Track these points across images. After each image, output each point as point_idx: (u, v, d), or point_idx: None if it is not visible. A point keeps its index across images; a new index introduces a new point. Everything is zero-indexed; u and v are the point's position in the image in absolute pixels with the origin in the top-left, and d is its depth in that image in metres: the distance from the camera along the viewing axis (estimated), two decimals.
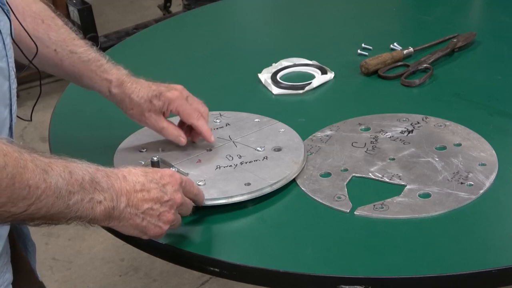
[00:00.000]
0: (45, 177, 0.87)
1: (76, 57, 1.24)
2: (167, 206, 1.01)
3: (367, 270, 1.01)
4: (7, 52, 0.98)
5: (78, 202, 0.91)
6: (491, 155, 1.21)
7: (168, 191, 1.01)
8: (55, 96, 1.62)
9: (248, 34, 1.86)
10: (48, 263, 2.43)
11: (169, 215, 1.01)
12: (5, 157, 0.84)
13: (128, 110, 1.25)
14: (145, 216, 0.99)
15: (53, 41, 1.24)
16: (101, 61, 1.25)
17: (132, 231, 1.00)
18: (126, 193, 0.97)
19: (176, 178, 1.02)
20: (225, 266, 1.04)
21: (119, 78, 1.24)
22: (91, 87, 1.27)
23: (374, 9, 1.87)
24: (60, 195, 0.88)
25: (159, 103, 1.22)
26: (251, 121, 1.33)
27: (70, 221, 0.92)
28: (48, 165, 0.89)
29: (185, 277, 2.33)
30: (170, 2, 3.66)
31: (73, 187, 0.90)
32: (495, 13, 1.80)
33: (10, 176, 0.83)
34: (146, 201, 0.98)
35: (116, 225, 0.98)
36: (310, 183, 1.18)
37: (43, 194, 0.87)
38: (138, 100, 1.23)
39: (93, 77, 1.25)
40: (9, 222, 0.89)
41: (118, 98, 1.25)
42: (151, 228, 1.00)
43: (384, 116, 1.34)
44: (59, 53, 1.24)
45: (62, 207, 0.89)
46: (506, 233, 1.07)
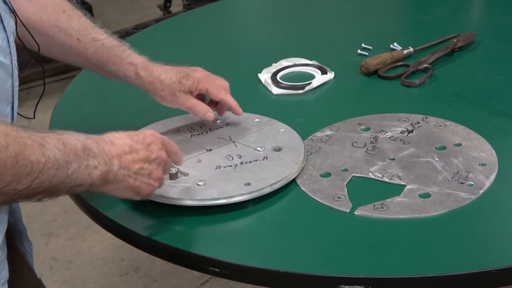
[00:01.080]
0: (43, 151, 0.89)
1: (99, 43, 1.27)
2: (155, 163, 1.05)
3: (367, 270, 1.01)
4: (11, 50, 0.99)
5: (76, 170, 0.94)
6: (491, 155, 1.21)
7: (154, 149, 1.05)
8: (55, 96, 1.62)
9: (248, 34, 1.86)
10: (48, 263, 2.43)
11: (158, 172, 1.05)
12: (6, 137, 0.86)
13: (159, 91, 1.28)
14: (137, 176, 1.02)
15: (75, 30, 1.26)
16: (124, 47, 1.29)
17: (126, 193, 1.03)
18: (117, 156, 1.00)
19: (157, 137, 1.07)
20: (225, 266, 1.04)
21: (143, 61, 1.29)
22: (116, 72, 1.29)
23: (374, 9, 1.87)
24: (59, 166, 0.91)
25: (188, 82, 1.28)
26: (251, 121, 1.33)
27: (71, 190, 0.95)
28: (43, 139, 0.91)
29: (185, 277, 2.33)
30: (170, 2, 3.66)
31: (69, 157, 0.93)
32: (495, 13, 1.80)
33: (13, 155, 0.86)
34: (136, 161, 1.02)
35: (111, 189, 1.01)
36: (310, 183, 1.18)
37: (44, 167, 0.89)
38: (168, 81, 1.27)
39: (118, 62, 1.28)
40: (15, 200, 0.91)
41: (147, 81, 1.28)
42: (143, 187, 1.04)
43: (384, 116, 1.34)
44: (82, 41, 1.26)
45: (62, 177, 0.92)
46: (506, 233, 1.07)
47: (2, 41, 0.97)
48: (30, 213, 2.64)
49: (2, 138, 0.85)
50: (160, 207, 1.14)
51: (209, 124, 1.33)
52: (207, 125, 1.33)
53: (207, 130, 1.32)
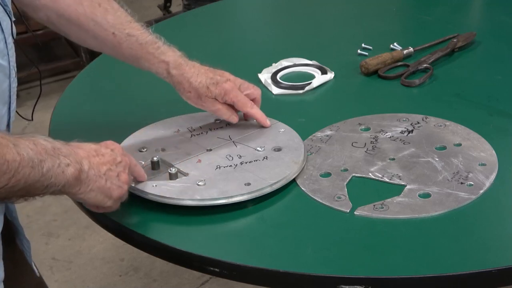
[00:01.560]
0: (17, 150, 0.91)
1: (134, 39, 1.28)
2: (121, 166, 1.07)
3: (367, 270, 1.01)
4: (8, 51, 0.99)
5: (50, 169, 0.95)
6: (491, 155, 1.21)
7: (118, 153, 1.07)
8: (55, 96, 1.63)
9: (248, 34, 1.86)
10: (48, 263, 2.43)
11: (125, 175, 1.07)
12: None
13: (186, 92, 1.28)
14: (107, 177, 1.04)
15: (111, 24, 1.27)
16: (158, 43, 1.29)
17: (98, 196, 1.03)
18: (86, 157, 1.02)
19: (119, 146, 1.09)
20: (225, 266, 1.04)
21: (176, 60, 1.28)
22: (149, 69, 1.30)
23: (374, 9, 1.87)
24: (34, 164, 0.92)
25: (216, 91, 1.27)
26: (251, 121, 1.33)
27: (47, 190, 0.96)
28: (15, 139, 0.92)
29: (185, 277, 2.33)
30: (170, 2, 3.66)
31: (41, 156, 0.94)
32: (495, 13, 1.80)
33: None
34: (104, 163, 1.04)
35: (85, 190, 1.01)
36: (310, 183, 1.18)
37: (20, 166, 0.90)
38: (197, 85, 1.27)
39: (151, 59, 1.28)
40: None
41: (177, 80, 1.28)
42: (114, 189, 1.05)
43: (384, 116, 1.34)
44: (117, 36, 1.27)
45: (37, 176, 0.93)
46: (506, 233, 1.07)
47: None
48: (30, 213, 2.64)
49: None
50: (160, 207, 1.14)
51: (209, 124, 1.33)
52: (207, 125, 1.33)
53: (207, 130, 1.32)
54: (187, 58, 1.30)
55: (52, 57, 3.47)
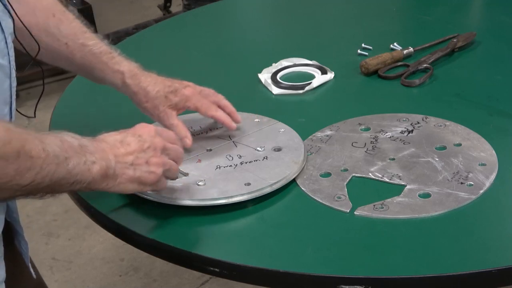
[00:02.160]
0: (43, 146, 0.91)
1: (88, 49, 1.26)
2: (150, 151, 1.04)
3: (367, 270, 1.01)
4: (8, 50, 0.99)
5: (76, 166, 0.95)
6: (491, 155, 1.21)
7: (146, 138, 1.05)
8: (55, 96, 1.62)
9: (248, 34, 1.86)
10: (48, 263, 2.43)
11: (156, 159, 1.05)
12: (8, 131, 0.88)
13: (143, 103, 1.26)
14: (135, 167, 1.03)
15: (64, 34, 1.25)
16: (113, 54, 1.27)
17: (130, 186, 1.03)
18: (111, 151, 1.01)
19: (150, 127, 1.07)
20: (225, 266, 1.04)
21: (131, 70, 1.26)
22: (103, 80, 1.28)
23: (374, 9, 1.87)
24: (59, 161, 0.92)
25: (176, 99, 1.25)
26: (251, 121, 1.33)
27: (73, 187, 0.96)
28: (42, 136, 0.93)
29: (185, 277, 2.33)
30: (170, 2, 3.66)
31: (67, 153, 0.94)
32: (495, 13, 1.80)
33: (16, 150, 0.87)
34: (130, 153, 1.03)
35: (113, 185, 1.01)
36: (310, 183, 1.18)
37: (44, 163, 0.90)
38: (155, 94, 1.25)
39: (105, 69, 1.26)
40: (18, 196, 0.92)
41: (132, 90, 1.26)
42: (145, 177, 1.04)
43: (384, 116, 1.34)
44: (70, 46, 1.25)
45: (63, 173, 0.93)
46: (506, 233, 1.07)
47: (0, 42, 0.97)
48: (30, 213, 2.64)
49: (5, 133, 0.87)
50: (160, 207, 1.14)
51: (209, 124, 1.33)
52: (207, 125, 1.33)
53: (207, 130, 1.32)
54: (143, 69, 1.27)
55: None
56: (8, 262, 1.04)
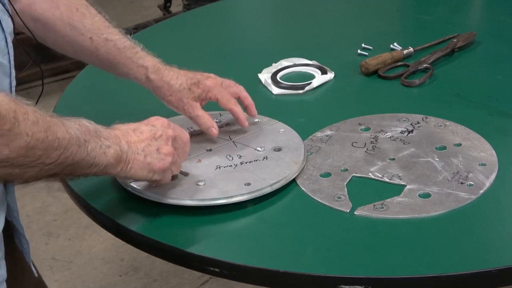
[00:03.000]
0: (66, 128, 0.94)
1: (112, 44, 1.27)
2: (162, 140, 1.07)
3: (367, 270, 1.01)
4: (9, 50, 0.99)
5: (94, 149, 0.98)
6: (491, 155, 1.21)
7: (159, 128, 1.08)
8: (55, 96, 1.63)
9: (248, 34, 1.86)
10: (48, 263, 2.43)
11: (167, 147, 1.07)
12: (35, 113, 0.90)
13: (167, 96, 1.27)
14: (146, 153, 1.05)
15: (88, 29, 1.26)
16: (136, 49, 1.28)
17: (141, 172, 1.05)
18: (123, 137, 1.04)
19: (163, 120, 1.10)
20: (225, 266, 1.04)
21: (155, 65, 1.28)
22: (127, 75, 1.29)
23: (374, 9, 1.87)
24: (80, 143, 0.96)
25: (198, 90, 1.26)
26: (251, 121, 1.33)
27: (91, 169, 0.99)
28: (62, 119, 0.96)
29: (185, 277, 2.33)
30: (170, 2, 3.66)
31: (86, 136, 0.97)
32: (495, 13, 1.80)
33: (43, 130, 0.90)
34: (142, 140, 1.06)
35: (125, 169, 1.04)
36: (310, 183, 1.18)
37: (69, 143, 0.94)
38: (178, 87, 1.26)
39: (129, 64, 1.27)
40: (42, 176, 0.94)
41: (156, 85, 1.27)
42: (156, 163, 1.06)
43: (384, 116, 1.34)
44: (94, 41, 1.26)
45: (83, 155, 0.96)
46: (506, 233, 1.07)
47: (0, 41, 0.97)
48: (30, 213, 2.64)
49: (33, 113, 0.90)
50: (160, 207, 1.14)
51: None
52: None
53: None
54: (165, 63, 1.29)
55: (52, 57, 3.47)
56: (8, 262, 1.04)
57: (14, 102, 0.88)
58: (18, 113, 0.88)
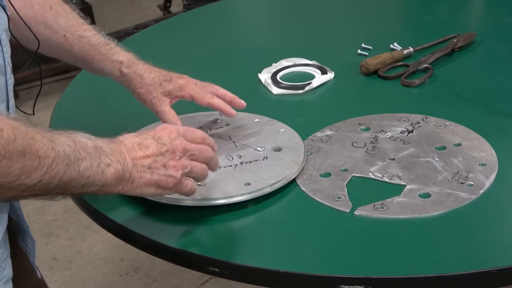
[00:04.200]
0: (53, 146, 0.89)
1: (86, 41, 1.27)
2: (168, 155, 1.02)
3: (367, 270, 1.01)
4: (3, 47, 0.98)
5: (88, 168, 0.93)
6: (491, 155, 1.21)
7: (165, 141, 1.03)
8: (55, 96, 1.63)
9: (248, 34, 1.86)
10: (48, 263, 2.43)
11: (174, 163, 1.02)
12: (14, 130, 0.86)
13: (137, 88, 1.27)
14: (152, 170, 1.01)
15: (62, 26, 1.26)
16: (111, 44, 1.29)
17: (148, 189, 1.01)
18: (128, 153, 0.99)
19: (170, 129, 1.04)
20: (225, 266, 1.04)
21: (130, 59, 1.28)
22: (101, 70, 1.29)
23: (374, 9, 1.87)
24: (69, 162, 0.91)
25: (170, 86, 1.26)
26: (251, 121, 1.33)
27: (84, 189, 0.94)
28: (53, 135, 0.91)
29: (185, 277, 2.33)
30: (170, 2, 3.66)
31: (80, 154, 0.93)
32: (495, 13, 1.80)
33: (20, 149, 0.86)
34: (148, 156, 1.01)
35: (130, 188, 0.99)
36: (310, 183, 1.18)
37: (54, 162, 0.89)
38: (149, 80, 1.26)
39: (104, 60, 1.28)
40: (25, 196, 0.90)
41: (129, 78, 1.27)
42: (163, 180, 1.02)
43: (384, 116, 1.34)
44: (68, 38, 1.26)
45: (73, 174, 0.91)
46: (506, 233, 1.07)
47: None
48: (30, 213, 2.64)
49: (10, 131, 0.85)
50: (160, 207, 1.14)
51: (209, 124, 1.33)
52: (207, 125, 1.33)
53: (207, 130, 1.32)
54: (140, 59, 1.29)
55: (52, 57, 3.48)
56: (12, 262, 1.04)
57: None
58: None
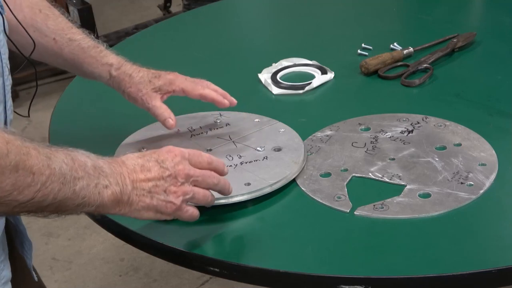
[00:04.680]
0: (48, 163, 0.87)
1: (76, 44, 1.27)
2: (170, 180, 1.00)
3: (367, 270, 1.01)
4: (0, 48, 0.98)
5: (84, 188, 0.91)
6: (491, 155, 1.21)
7: (168, 165, 1.00)
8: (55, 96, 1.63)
9: (248, 34, 1.86)
10: (48, 263, 2.43)
11: (175, 188, 1.00)
12: (7, 144, 0.84)
13: (127, 88, 1.27)
14: (152, 194, 0.99)
15: (51, 30, 1.26)
16: (100, 48, 1.29)
17: (146, 213, 1.00)
18: (128, 176, 0.97)
19: (175, 153, 1.02)
20: (225, 266, 1.04)
21: (119, 61, 1.28)
22: (91, 73, 1.29)
23: (374, 9, 1.87)
24: (65, 180, 0.89)
25: (159, 82, 1.26)
26: (251, 121, 1.33)
27: (79, 209, 0.92)
28: (50, 152, 0.89)
29: (185, 277, 2.33)
30: (170, 2, 3.66)
31: (77, 173, 0.91)
32: (495, 13, 1.80)
33: (13, 164, 0.83)
34: (149, 179, 0.99)
35: (128, 211, 0.98)
36: (310, 183, 1.18)
37: (48, 180, 0.87)
38: (138, 79, 1.26)
39: (93, 63, 1.27)
40: (16, 212, 0.89)
41: (118, 79, 1.27)
42: (163, 206, 1.00)
43: (384, 116, 1.34)
44: (58, 41, 1.26)
45: (68, 193, 0.89)
46: (506, 233, 1.07)
47: None
48: None
49: (4, 145, 0.83)
50: None
51: (209, 124, 1.33)
52: (207, 125, 1.33)
53: (207, 130, 1.32)
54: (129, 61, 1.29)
55: None
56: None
57: None
58: None
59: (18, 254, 1.13)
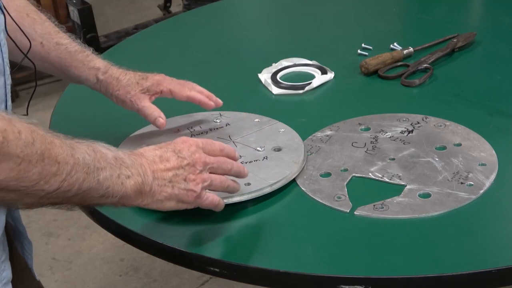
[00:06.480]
0: (72, 152, 0.88)
1: (63, 48, 1.28)
2: (189, 168, 1.02)
3: (367, 270, 1.01)
4: (1, 47, 0.98)
5: (108, 178, 0.92)
6: (491, 155, 1.21)
7: (185, 154, 1.02)
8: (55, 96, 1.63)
9: (248, 34, 1.86)
10: (48, 263, 2.43)
11: (194, 176, 1.02)
12: (32, 133, 0.84)
13: (115, 91, 1.28)
14: (173, 183, 1.01)
15: (38, 34, 1.26)
16: (87, 52, 1.30)
17: (168, 203, 1.01)
18: (149, 166, 0.99)
19: (190, 142, 1.04)
20: (225, 266, 1.04)
21: (106, 65, 1.29)
22: (78, 77, 1.30)
23: (374, 9, 1.87)
24: (89, 170, 0.90)
25: (147, 83, 1.27)
26: (251, 121, 1.33)
27: (103, 200, 0.94)
28: (72, 143, 0.90)
29: (185, 277, 2.33)
30: (170, 2, 3.66)
31: (100, 163, 0.92)
32: (495, 13, 1.80)
33: (39, 152, 0.84)
34: (169, 169, 1.01)
35: (150, 201, 0.99)
36: (310, 183, 1.18)
37: (73, 169, 0.88)
38: (126, 81, 1.27)
39: (80, 67, 1.28)
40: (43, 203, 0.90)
41: (106, 83, 1.28)
42: (184, 194, 1.02)
43: (384, 116, 1.34)
44: (45, 45, 1.27)
45: (92, 183, 0.91)
46: (506, 233, 1.07)
47: None
48: (30, 213, 2.63)
49: (29, 134, 0.84)
50: None
51: (209, 124, 1.33)
52: (207, 125, 1.33)
53: (207, 130, 1.32)
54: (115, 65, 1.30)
55: None
56: None
57: (6, 120, 0.83)
58: (9, 132, 0.82)
59: (18, 254, 1.13)
